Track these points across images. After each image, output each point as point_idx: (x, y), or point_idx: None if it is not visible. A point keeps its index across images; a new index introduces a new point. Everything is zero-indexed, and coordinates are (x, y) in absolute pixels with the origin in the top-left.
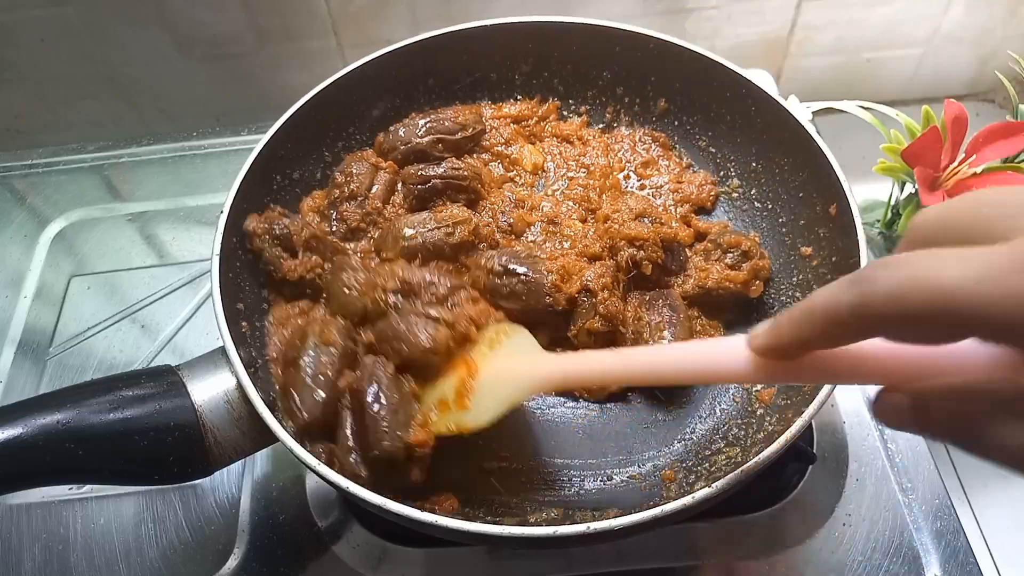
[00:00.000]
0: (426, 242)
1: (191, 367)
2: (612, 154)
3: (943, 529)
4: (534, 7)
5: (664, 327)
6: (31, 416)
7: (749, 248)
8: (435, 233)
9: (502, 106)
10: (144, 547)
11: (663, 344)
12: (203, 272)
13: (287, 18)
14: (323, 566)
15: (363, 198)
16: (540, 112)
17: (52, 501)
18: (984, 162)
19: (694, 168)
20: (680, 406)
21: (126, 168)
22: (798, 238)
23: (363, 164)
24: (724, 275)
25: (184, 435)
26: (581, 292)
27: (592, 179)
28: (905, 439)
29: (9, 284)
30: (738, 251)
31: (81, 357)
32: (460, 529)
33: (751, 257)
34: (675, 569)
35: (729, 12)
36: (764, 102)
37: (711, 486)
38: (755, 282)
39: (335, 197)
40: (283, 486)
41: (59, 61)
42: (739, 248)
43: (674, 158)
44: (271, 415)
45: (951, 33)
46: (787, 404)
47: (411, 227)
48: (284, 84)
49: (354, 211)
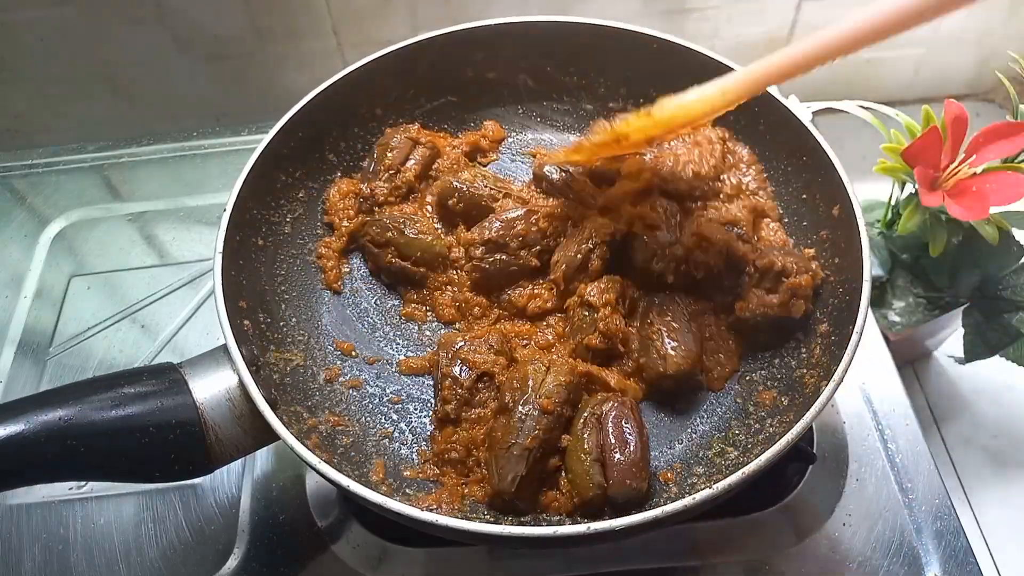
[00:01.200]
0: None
1: (193, 365)
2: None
3: (943, 529)
4: (534, 7)
5: (674, 335)
6: (32, 413)
7: (784, 267)
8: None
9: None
10: (144, 547)
11: (670, 345)
12: (203, 272)
13: (287, 18)
14: (323, 566)
15: (395, 171)
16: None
17: (52, 501)
18: (984, 162)
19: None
20: (680, 407)
21: (126, 168)
22: (801, 240)
23: (401, 137)
24: (761, 300)
25: (185, 432)
26: (582, 306)
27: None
28: (905, 439)
29: (9, 284)
30: (772, 272)
31: (81, 357)
32: (460, 528)
33: (788, 275)
34: (675, 569)
35: (729, 12)
36: (766, 103)
37: (712, 487)
38: (796, 302)
39: (369, 168)
40: (283, 486)
41: (59, 61)
42: (773, 269)
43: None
44: (272, 413)
45: (951, 33)
46: (788, 405)
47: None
48: (284, 84)
49: (382, 186)
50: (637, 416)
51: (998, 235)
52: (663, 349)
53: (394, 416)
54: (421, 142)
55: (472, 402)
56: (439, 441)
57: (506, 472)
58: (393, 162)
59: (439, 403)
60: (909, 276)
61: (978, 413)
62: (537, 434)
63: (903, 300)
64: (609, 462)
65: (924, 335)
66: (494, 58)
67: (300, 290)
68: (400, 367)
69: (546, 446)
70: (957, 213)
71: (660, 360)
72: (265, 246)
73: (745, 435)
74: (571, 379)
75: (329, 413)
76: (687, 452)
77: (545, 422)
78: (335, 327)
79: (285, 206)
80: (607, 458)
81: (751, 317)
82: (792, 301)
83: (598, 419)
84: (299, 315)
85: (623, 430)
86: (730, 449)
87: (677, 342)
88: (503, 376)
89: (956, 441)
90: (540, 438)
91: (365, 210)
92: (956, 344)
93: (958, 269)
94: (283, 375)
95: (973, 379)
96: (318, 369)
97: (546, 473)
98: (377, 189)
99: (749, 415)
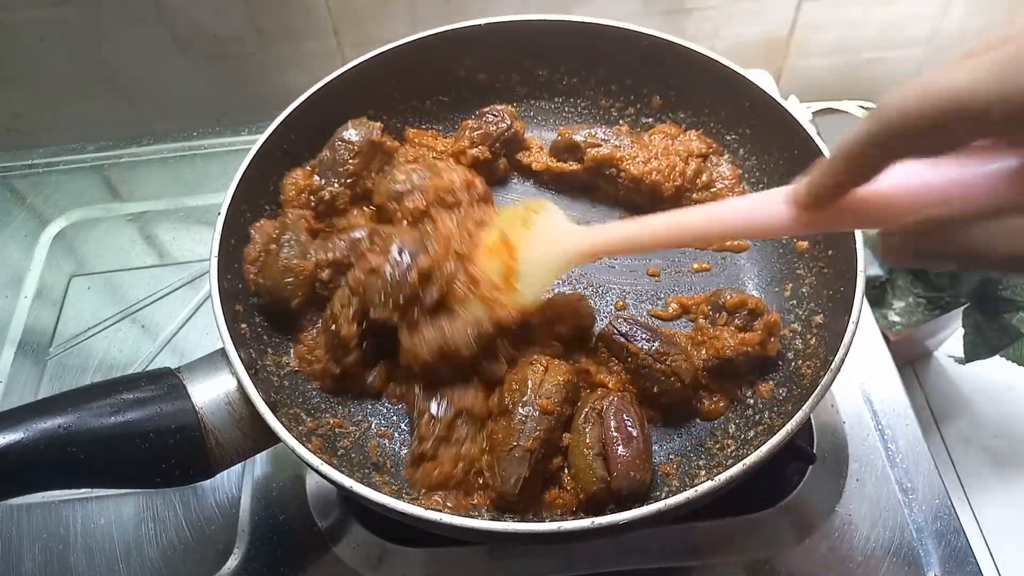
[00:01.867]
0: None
1: (191, 369)
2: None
3: (943, 529)
4: (534, 6)
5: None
6: (31, 421)
7: (756, 306)
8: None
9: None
10: (144, 547)
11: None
12: (203, 272)
13: (287, 18)
14: (323, 566)
15: (357, 178)
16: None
17: (52, 501)
18: None
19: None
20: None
21: (126, 168)
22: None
23: (365, 139)
24: (740, 339)
25: (185, 437)
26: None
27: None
28: (905, 439)
29: (9, 284)
30: (744, 310)
31: (81, 357)
32: (463, 526)
33: (759, 314)
34: (675, 569)
35: (729, 12)
36: (758, 99)
37: (714, 479)
38: (771, 339)
39: (329, 165)
40: (283, 486)
41: (59, 61)
42: (745, 307)
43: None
44: (273, 416)
45: (951, 33)
46: (786, 397)
47: (403, 173)
48: (284, 84)
49: (344, 193)
50: (637, 409)
51: None
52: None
53: (394, 417)
54: (383, 148)
55: (450, 439)
56: (419, 481)
57: (509, 474)
58: (356, 169)
59: (415, 441)
60: (909, 276)
61: (978, 413)
62: (538, 435)
63: (903, 300)
64: (611, 455)
65: (924, 335)
66: (493, 57)
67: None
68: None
69: (548, 447)
70: None
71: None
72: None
73: (744, 427)
74: (569, 378)
75: (329, 415)
76: (686, 446)
77: (546, 423)
78: None
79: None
80: (609, 451)
81: (734, 356)
82: (769, 339)
83: (599, 413)
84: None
85: (624, 422)
86: (729, 441)
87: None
88: (483, 412)
89: (956, 441)
90: (541, 439)
91: (320, 212)
92: (956, 344)
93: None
94: (282, 378)
95: (973, 379)
96: None
97: (549, 473)
98: (337, 197)
99: (747, 407)
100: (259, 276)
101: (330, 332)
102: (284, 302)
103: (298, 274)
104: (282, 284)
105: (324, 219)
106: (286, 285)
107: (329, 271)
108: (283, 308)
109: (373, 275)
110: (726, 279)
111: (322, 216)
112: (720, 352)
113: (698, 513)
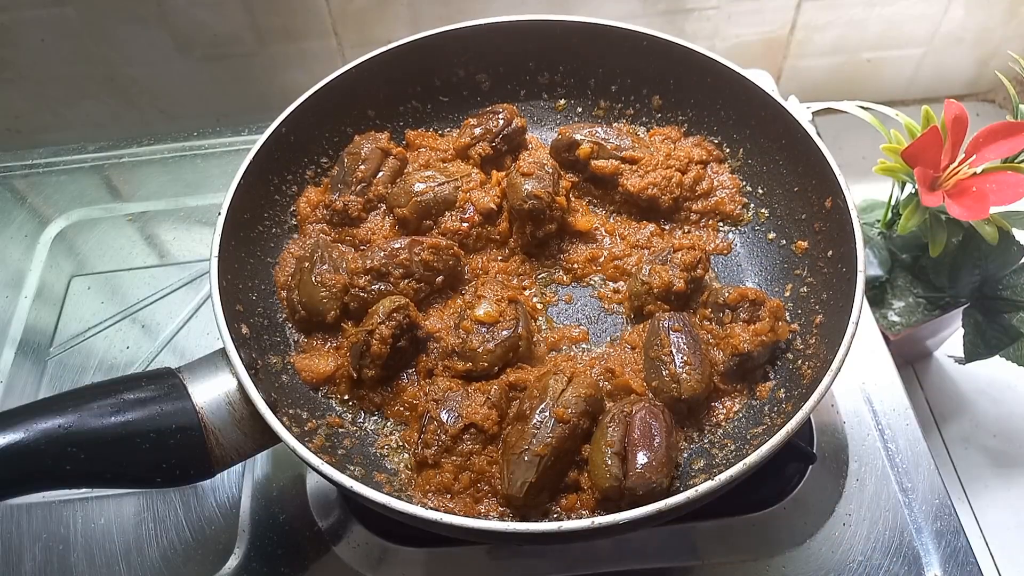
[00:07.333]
0: (436, 196)
1: (192, 369)
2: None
3: (943, 529)
4: (534, 6)
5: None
6: (32, 420)
7: (755, 295)
8: (444, 188)
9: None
10: (144, 547)
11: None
12: (203, 272)
13: (287, 18)
14: (323, 566)
15: (366, 184)
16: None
17: (52, 501)
18: (984, 162)
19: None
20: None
21: (126, 168)
22: (794, 233)
23: (372, 147)
24: (752, 331)
25: (186, 437)
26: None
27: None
28: (905, 439)
29: (9, 284)
30: (746, 302)
31: (81, 357)
32: (463, 526)
33: (761, 302)
34: (675, 569)
35: (729, 12)
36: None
37: (714, 479)
38: (779, 323)
39: (340, 178)
40: (283, 486)
41: (59, 61)
42: (746, 299)
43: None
44: (273, 416)
45: (951, 33)
46: (786, 397)
47: (422, 182)
48: (284, 84)
49: (355, 201)
50: (667, 418)
51: (998, 235)
52: (676, 373)
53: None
54: (392, 153)
55: (454, 451)
56: (419, 485)
57: (516, 477)
58: (365, 175)
59: (420, 444)
60: (909, 276)
61: (978, 413)
62: (550, 442)
63: (903, 300)
64: (631, 457)
65: (924, 335)
66: (493, 57)
67: None
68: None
69: (561, 457)
70: (957, 213)
71: (674, 384)
72: (261, 250)
73: (743, 428)
74: (591, 392)
75: (329, 415)
76: (686, 446)
77: (559, 431)
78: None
79: (280, 209)
80: (629, 452)
81: (752, 350)
82: (778, 324)
83: (626, 415)
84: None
85: (650, 427)
86: (728, 442)
87: (690, 365)
88: (493, 430)
89: (956, 441)
90: (553, 446)
91: (336, 223)
92: (956, 344)
93: (958, 269)
94: (282, 378)
95: (973, 379)
96: None
97: (564, 485)
98: (350, 204)
99: (746, 408)
100: (293, 294)
101: (363, 340)
102: (319, 315)
103: (331, 287)
104: (318, 299)
105: (339, 229)
106: (321, 299)
107: (367, 278)
108: (318, 321)
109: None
110: (726, 280)
111: (337, 226)
112: (738, 348)
113: (698, 513)
